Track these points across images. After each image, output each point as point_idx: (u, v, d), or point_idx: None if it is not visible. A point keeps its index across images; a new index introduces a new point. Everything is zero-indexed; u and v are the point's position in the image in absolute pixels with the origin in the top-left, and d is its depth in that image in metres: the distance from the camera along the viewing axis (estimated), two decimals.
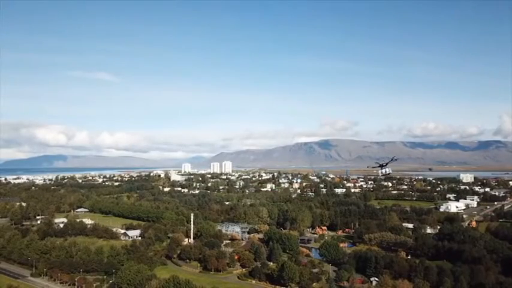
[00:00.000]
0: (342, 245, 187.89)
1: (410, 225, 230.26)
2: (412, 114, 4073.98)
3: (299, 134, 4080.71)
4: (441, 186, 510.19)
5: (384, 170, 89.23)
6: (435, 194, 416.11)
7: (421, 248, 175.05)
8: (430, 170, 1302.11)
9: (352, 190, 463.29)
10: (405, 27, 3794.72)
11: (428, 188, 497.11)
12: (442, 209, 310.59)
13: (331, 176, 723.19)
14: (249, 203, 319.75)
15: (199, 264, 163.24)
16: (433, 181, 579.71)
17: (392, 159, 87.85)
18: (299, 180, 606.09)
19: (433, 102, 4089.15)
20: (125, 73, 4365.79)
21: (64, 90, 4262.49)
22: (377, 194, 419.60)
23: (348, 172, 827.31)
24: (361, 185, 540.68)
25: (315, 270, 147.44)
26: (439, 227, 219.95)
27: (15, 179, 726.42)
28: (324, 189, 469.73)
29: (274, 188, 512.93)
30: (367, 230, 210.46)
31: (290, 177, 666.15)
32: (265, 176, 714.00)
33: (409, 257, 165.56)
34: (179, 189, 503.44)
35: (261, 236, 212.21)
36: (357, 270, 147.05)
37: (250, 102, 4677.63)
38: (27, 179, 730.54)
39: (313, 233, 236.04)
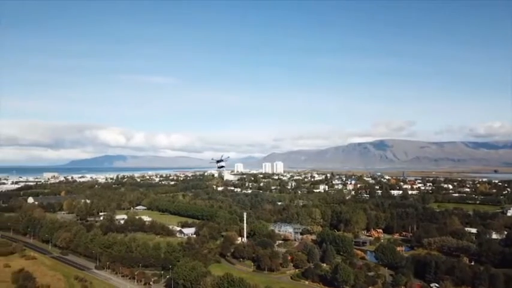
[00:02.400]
0: (399, 248, 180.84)
1: (474, 230, 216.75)
2: (474, 112, 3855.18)
3: (352, 134, 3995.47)
4: (508, 189, 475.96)
5: (219, 164, 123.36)
6: (501, 197, 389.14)
7: (485, 254, 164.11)
8: (496, 172, 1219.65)
9: (410, 192, 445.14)
10: (462, 26, 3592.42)
11: (494, 191, 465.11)
12: (509, 213, 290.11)
13: (387, 177, 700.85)
14: (301, 204, 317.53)
15: (252, 263, 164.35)
16: (499, 184, 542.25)
17: (222, 157, 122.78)
18: (353, 182, 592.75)
19: (498, 100, 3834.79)
20: (180, 76, 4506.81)
21: (124, 94, 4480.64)
22: (436, 196, 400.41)
23: (404, 173, 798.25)
24: (419, 187, 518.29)
25: (371, 274, 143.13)
26: (506, 233, 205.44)
27: (80, 177, 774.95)
28: (379, 191, 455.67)
29: (327, 189, 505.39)
30: (426, 233, 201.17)
31: (344, 179, 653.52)
32: (317, 177, 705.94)
33: (472, 264, 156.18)
34: (232, 188, 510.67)
35: (314, 237, 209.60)
36: (415, 275, 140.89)
37: (301, 103, 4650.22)
38: (91, 177, 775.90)
39: (368, 236, 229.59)
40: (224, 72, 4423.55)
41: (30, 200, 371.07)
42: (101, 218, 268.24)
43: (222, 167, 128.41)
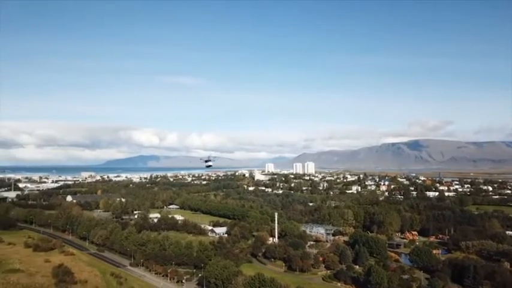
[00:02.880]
0: (435, 251, 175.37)
1: None
2: None
3: (385, 134, 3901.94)
4: None
5: (207, 164, 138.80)
6: None
7: None
8: None
9: (446, 194, 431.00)
10: (502, 22, 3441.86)
11: None
12: None
13: (422, 178, 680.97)
14: (333, 205, 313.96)
15: (283, 264, 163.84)
16: None
17: (209, 157, 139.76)
18: (386, 183, 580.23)
19: None
20: (210, 77, 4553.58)
21: (157, 95, 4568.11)
22: (475, 198, 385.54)
23: (440, 174, 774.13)
24: (456, 189, 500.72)
25: (405, 277, 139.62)
26: None
27: (115, 177, 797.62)
28: (414, 192, 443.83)
29: (360, 190, 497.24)
30: (464, 237, 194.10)
31: (377, 180, 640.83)
32: (350, 178, 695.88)
33: None
34: (263, 188, 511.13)
35: (346, 238, 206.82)
36: (452, 280, 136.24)
37: (332, 103, 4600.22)
38: (126, 177, 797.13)
39: (403, 238, 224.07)
40: (253, 73, 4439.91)
41: (69, 198, 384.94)
42: (135, 217, 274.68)
43: (210, 166, 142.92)
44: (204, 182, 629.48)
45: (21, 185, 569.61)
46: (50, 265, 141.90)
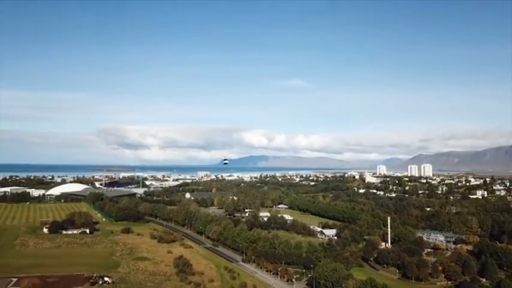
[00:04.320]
0: None
1: None
2: None
3: None
4: None
5: (224, 162, 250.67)
6: None
7: None
8: None
9: None
10: None
11: None
12: None
13: None
14: (454, 211, 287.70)
15: (397, 271, 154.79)
16: None
17: (226, 158, 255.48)
18: None
19: None
20: (314, 78, 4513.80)
21: (266, 98, 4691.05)
22: None
23: None
24: None
25: None
26: None
27: (228, 176, 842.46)
28: None
29: (486, 195, 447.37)
30: None
31: (507, 184, 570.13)
32: (473, 182, 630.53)
33: None
34: (374, 191, 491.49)
35: (469, 247, 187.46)
36: None
37: (451, 99, 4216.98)
38: (238, 176, 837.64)
39: None
40: (360, 71, 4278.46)
41: (187, 195, 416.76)
42: (247, 214, 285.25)
43: (226, 164, 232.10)
44: (312, 183, 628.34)
45: (147, 183, 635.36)
46: (172, 256, 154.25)
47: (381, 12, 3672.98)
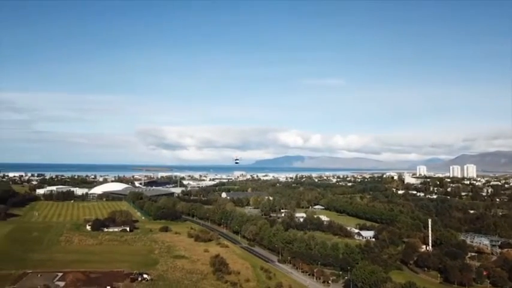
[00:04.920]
0: None
1: None
2: None
3: None
4: None
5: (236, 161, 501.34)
6: None
7: None
8: None
9: None
10: None
11: None
12: None
13: None
14: (500, 213, 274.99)
15: (438, 275, 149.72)
16: None
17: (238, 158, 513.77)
18: None
19: None
20: (350, 77, 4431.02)
21: (301, 98, 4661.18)
22: None
23: None
24: None
25: None
26: None
27: (263, 176, 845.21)
28: None
29: None
30: None
31: None
32: None
33: None
34: (414, 192, 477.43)
35: None
36: None
37: (497, 96, 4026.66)
38: (273, 176, 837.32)
39: None
40: (399, 69, 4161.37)
41: (223, 195, 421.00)
42: (282, 215, 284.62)
43: (237, 163, 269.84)
44: (350, 184, 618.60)
45: (185, 182, 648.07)
46: (208, 255, 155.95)
47: (419, 9, 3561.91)
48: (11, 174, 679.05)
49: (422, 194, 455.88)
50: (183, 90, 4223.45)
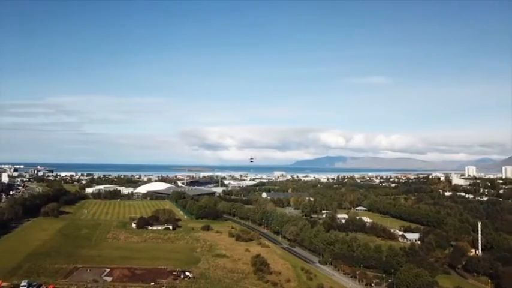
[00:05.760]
0: None
1: None
2: None
3: None
4: None
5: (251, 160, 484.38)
6: None
7: None
8: None
9: None
10: None
11: None
12: None
13: None
14: None
15: (489, 280, 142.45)
16: None
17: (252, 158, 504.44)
18: None
19: None
20: (395, 75, 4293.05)
21: (343, 97, 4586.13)
22: None
23: None
24: None
25: None
26: None
27: (304, 176, 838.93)
28: None
29: None
30: None
31: None
32: None
33: None
34: (462, 194, 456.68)
35: None
36: None
37: None
38: (314, 177, 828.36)
39: None
40: (445, 65, 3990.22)
41: (264, 195, 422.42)
42: (323, 216, 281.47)
43: (252, 162, 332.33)
44: (393, 185, 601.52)
45: (226, 182, 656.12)
46: (249, 254, 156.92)
47: (478, 7, 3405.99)
48: (62, 174, 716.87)
49: (471, 196, 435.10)
50: (225, 91, 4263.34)
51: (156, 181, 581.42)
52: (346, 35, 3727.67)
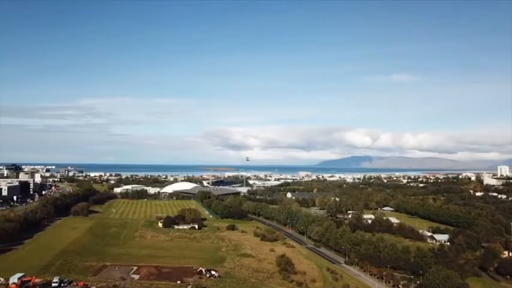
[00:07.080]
0: None
1: None
2: None
3: None
4: None
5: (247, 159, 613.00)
6: None
7: None
8: None
9: None
10: None
11: None
12: None
13: None
14: None
15: None
16: None
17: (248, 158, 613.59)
18: None
19: None
20: (423, 73, 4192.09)
21: (369, 96, 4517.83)
22: None
23: None
24: None
25: None
26: None
27: (329, 176, 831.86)
28: None
29: None
30: None
31: None
32: None
33: None
34: (494, 194, 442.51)
35: None
36: None
37: None
38: (339, 177, 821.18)
39: None
40: (474, 61, 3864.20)
41: (289, 195, 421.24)
42: (349, 216, 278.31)
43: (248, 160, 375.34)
44: (422, 185, 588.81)
45: (250, 182, 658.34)
46: (274, 254, 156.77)
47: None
48: (92, 174, 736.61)
49: (504, 196, 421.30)
50: (247, 92, 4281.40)
51: (181, 181, 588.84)
52: (367, 34, 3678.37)
